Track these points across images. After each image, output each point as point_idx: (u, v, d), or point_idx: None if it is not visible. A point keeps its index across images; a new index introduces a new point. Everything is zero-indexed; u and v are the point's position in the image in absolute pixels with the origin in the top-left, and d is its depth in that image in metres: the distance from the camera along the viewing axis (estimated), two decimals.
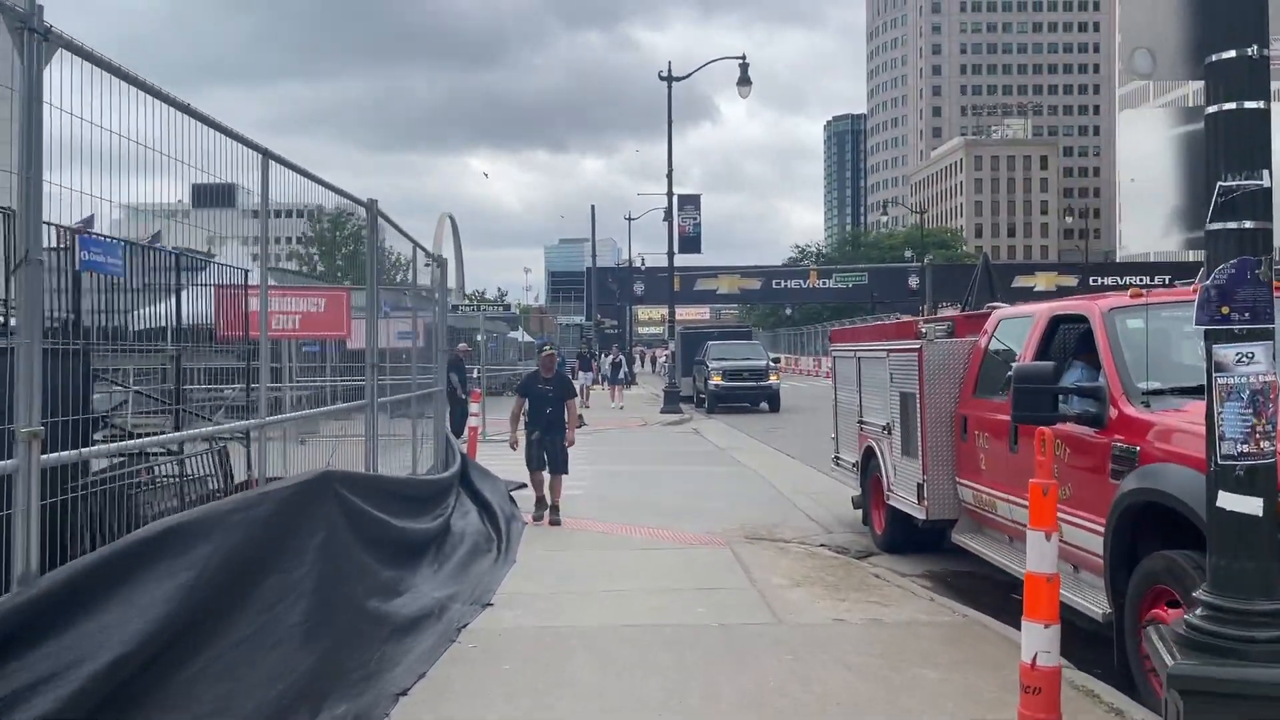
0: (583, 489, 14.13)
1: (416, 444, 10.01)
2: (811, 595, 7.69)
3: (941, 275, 63.83)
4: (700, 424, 26.66)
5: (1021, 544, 7.36)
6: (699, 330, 40.94)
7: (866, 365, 10.25)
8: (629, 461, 18.03)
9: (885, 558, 9.51)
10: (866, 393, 10.27)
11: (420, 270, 11.97)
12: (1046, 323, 7.08)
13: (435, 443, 11.43)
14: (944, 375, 8.33)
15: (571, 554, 9.43)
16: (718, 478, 15.57)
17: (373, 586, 6.35)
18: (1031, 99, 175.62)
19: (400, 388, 9.93)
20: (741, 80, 30.36)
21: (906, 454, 8.88)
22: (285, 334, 13.84)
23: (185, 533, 4.15)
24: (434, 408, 12.02)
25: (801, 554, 9.42)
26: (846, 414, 11.16)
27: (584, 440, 22.02)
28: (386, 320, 11.60)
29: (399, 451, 11.32)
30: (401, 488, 8.10)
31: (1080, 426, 6.07)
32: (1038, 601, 4.48)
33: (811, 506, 12.63)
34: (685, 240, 38.39)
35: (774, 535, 10.68)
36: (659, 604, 7.41)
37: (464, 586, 7.97)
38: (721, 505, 12.74)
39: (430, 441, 12.57)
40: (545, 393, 11.27)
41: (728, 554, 9.34)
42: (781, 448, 19.94)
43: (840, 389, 11.47)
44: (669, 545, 9.85)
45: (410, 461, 9.90)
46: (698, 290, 70.76)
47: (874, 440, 9.92)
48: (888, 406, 9.39)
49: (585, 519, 11.52)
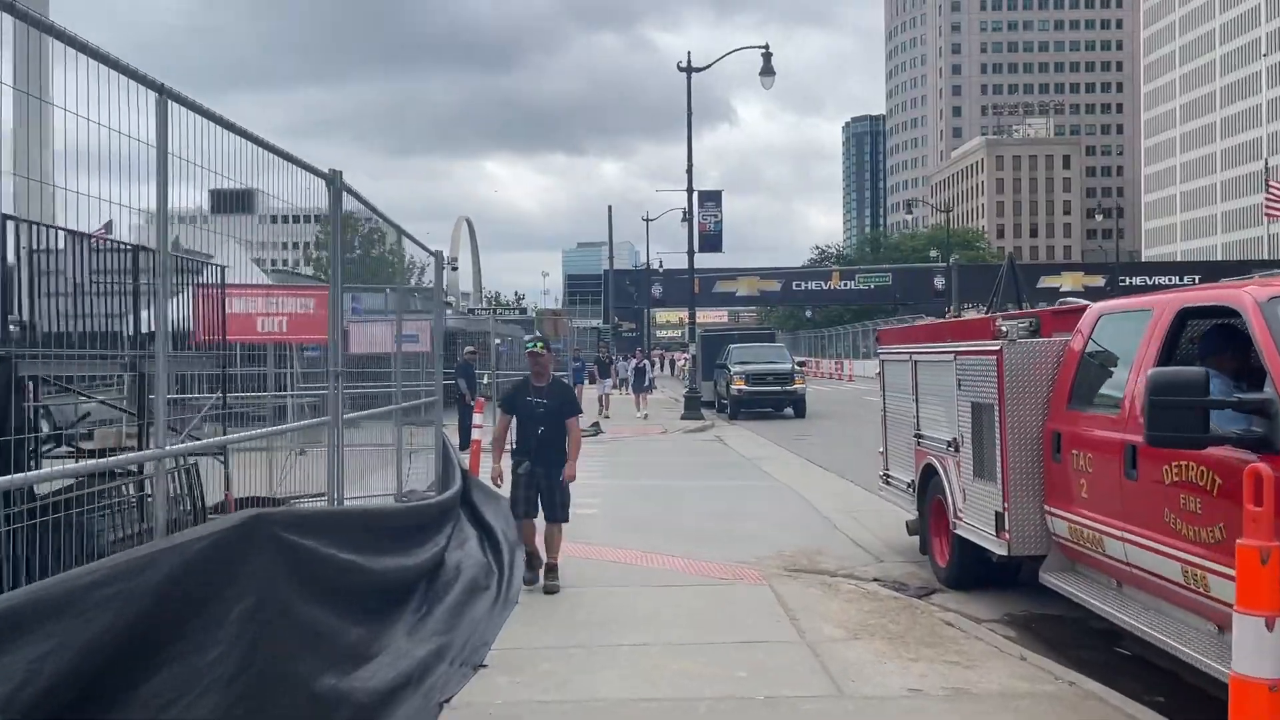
0: (598, 507, 12.80)
1: (402, 461, 8.68)
2: (874, 653, 6.31)
3: (967, 276, 62.23)
4: (724, 431, 25.27)
5: (1135, 590, 6.00)
6: (720, 333, 39.51)
7: (925, 370, 8.87)
8: (649, 474, 16.67)
9: (951, 595, 8.12)
10: (925, 402, 8.88)
11: (421, 268, 10.66)
12: (1174, 317, 5.68)
13: (435, 458, 10.06)
14: (1030, 382, 6.94)
15: (583, 593, 8.07)
16: (747, 494, 14.19)
17: (330, 655, 5.02)
18: (1053, 98, 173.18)
19: (382, 398, 8.62)
20: (764, 70, 28.99)
21: (980, 476, 7.49)
22: (266, 337, 12.69)
23: (8, 625, 2.83)
24: (434, 419, 10.69)
25: (853, 592, 8.02)
26: (899, 426, 9.77)
27: (601, 451, 20.73)
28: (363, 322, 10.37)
29: (388, 470, 10.03)
30: (381, 520, 6.77)
31: (1238, 451, 4.68)
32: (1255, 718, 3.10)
33: (854, 528, 11.24)
34: (706, 238, 36.92)
35: (816, 565, 9.30)
36: (690, 666, 6.04)
37: (455, 637, 6.64)
38: (753, 527, 11.37)
39: (430, 456, 11.29)
40: (536, 407, 8.28)
41: (767, 593, 7.97)
42: (813, 458, 18.54)
43: (890, 397, 10.08)
44: (698, 581, 8.48)
45: (395, 483, 8.57)
46: (717, 292, 69.49)
47: (935, 457, 8.54)
48: (954, 419, 8.00)
49: (600, 545, 10.18)
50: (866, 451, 19.42)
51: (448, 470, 10.52)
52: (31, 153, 4.62)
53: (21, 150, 4.40)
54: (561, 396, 8.44)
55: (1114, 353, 6.40)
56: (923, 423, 8.94)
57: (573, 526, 11.29)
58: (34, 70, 3.83)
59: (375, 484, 9.83)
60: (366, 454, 10.24)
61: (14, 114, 3.73)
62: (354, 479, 10.69)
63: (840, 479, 15.72)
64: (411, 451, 11.37)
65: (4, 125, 3.47)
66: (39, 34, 3.59)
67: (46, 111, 3.75)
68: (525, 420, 8.31)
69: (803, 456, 18.91)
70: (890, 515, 11.38)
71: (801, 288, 73.06)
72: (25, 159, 4.30)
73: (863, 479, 15.19)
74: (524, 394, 8.38)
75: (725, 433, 24.76)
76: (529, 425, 8.27)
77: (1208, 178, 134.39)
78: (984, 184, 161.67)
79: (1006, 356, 6.97)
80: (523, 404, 8.33)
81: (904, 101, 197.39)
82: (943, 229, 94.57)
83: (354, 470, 10.86)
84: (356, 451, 10.49)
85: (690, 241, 31.13)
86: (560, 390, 8.56)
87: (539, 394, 8.30)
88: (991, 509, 7.24)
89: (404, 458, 10.25)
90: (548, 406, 8.24)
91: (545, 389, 8.34)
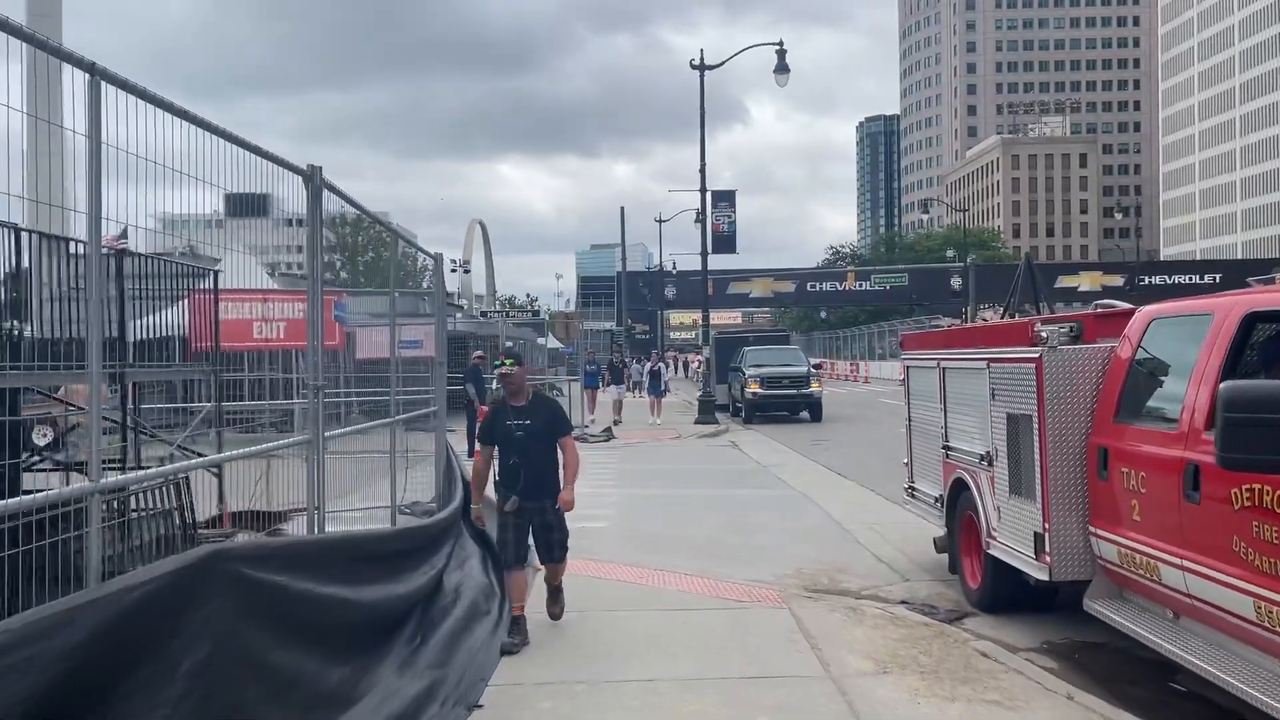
0: (607, 519, 12.30)
1: (397, 474, 8.18)
2: (907, 690, 5.77)
3: (985, 276, 61.46)
4: (738, 436, 24.73)
5: (1195, 623, 5.44)
6: (734, 335, 38.90)
7: (955, 378, 8.32)
8: (661, 482, 16.15)
9: (985, 620, 7.56)
10: (954, 412, 8.33)
11: (419, 270, 10.18)
12: (1239, 322, 5.12)
13: (435, 471, 9.54)
14: (1073, 393, 6.38)
15: (590, 617, 7.55)
16: (763, 504, 13.65)
17: (306, 702, 4.52)
18: (1070, 96, 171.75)
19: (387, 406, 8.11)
20: (779, 68, 28.43)
21: (1016, 493, 6.94)
22: (262, 344, 12.24)
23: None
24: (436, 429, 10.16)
25: (880, 617, 7.48)
26: (925, 436, 9.22)
27: (612, 457, 20.21)
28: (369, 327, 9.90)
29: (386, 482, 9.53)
30: (367, 546, 6.26)
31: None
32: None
33: (877, 543, 10.68)
34: (719, 239, 36.29)
35: (838, 585, 8.76)
36: (704, 707, 5.51)
37: (450, 671, 6.13)
38: (770, 541, 10.84)
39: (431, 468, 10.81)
40: (516, 431, 7.01)
41: (786, 618, 7.43)
42: (830, 464, 17.98)
43: (915, 405, 9.53)
44: (712, 604, 7.95)
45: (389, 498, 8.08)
46: (730, 294, 68.93)
47: (966, 471, 7.98)
48: (987, 430, 7.45)
49: (609, 561, 9.67)
50: (885, 458, 18.89)
51: (450, 482, 10.01)
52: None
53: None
54: (547, 414, 7.14)
55: (1168, 361, 5.85)
56: (951, 434, 8.39)
57: (581, 541, 10.79)
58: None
59: (378, 493, 9.30)
60: (369, 461, 9.76)
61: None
62: (355, 487, 10.22)
63: (860, 488, 15.17)
64: (417, 458, 10.89)
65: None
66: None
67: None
68: (507, 448, 6.99)
69: (820, 463, 18.36)
70: (914, 528, 10.84)
71: (816, 289, 72.38)
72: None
73: (883, 487, 14.65)
74: (502, 418, 7.08)
75: (740, 437, 24.22)
76: (512, 453, 6.96)
77: (1227, 175, 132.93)
78: (999, 183, 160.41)
79: (1047, 364, 6.42)
80: (502, 429, 7.03)
81: (918, 101, 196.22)
82: (958, 229, 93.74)
83: (354, 478, 10.39)
84: (358, 459, 10.02)
85: (704, 242, 30.60)
86: (544, 407, 7.25)
87: (519, 415, 7.02)
88: (1030, 529, 6.68)
89: (400, 469, 9.74)
90: (531, 428, 6.97)
91: (526, 408, 7.07)
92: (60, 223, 6.16)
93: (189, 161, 4.57)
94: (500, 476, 7.01)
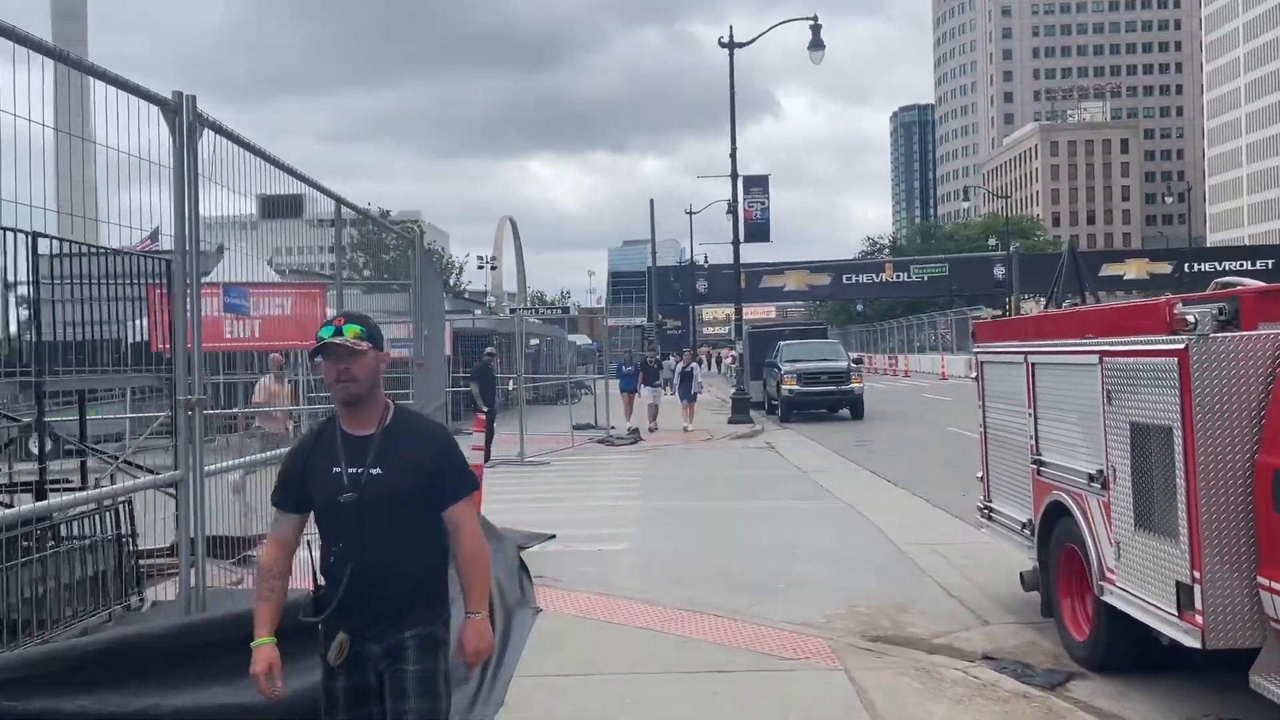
0: (628, 539, 10.78)
1: None
2: None
3: (1028, 265, 59.18)
4: (774, 436, 23.10)
5: None
6: (769, 329, 37.23)
7: (1049, 375, 6.68)
8: (690, 493, 14.56)
9: (1097, 684, 5.94)
10: (1049, 418, 6.69)
11: (460, 267, 8.81)
12: None
13: None
14: (1235, 397, 4.75)
15: (594, 684, 6.00)
16: (806, 519, 12.04)
17: None
18: (1109, 80, 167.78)
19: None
20: (813, 44, 26.73)
21: (1147, 527, 5.31)
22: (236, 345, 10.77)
23: None
24: None
25: (962, 682, 5.86)
26: (1006, 447, 7.58)
27: (637, 462, 18.64)
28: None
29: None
30: (181, 639, 4.45)
31: None
32: None
33: (942, 569, 9.07)
34: (753, 227, 34.55)
35: (904, 631, 7.16)
36: None
37: None
38: (816, 569, 9.25)
39: None
40: (342, 486, 3.37)
41: (843, 685, 5.83)
42: (877, 470, 16.32)
43: (993, 409, 7.89)
44: (748, 663, 6.35)
45: None
46: (764, 287, 67.19)
47: (1067, 493, 6.35)
48: (1098, 443, 5.82)
49: (626, 596, 8.13)
50: (937, 461, 17.23)
51: None
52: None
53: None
54: (422, 453, 3.42)
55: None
56: (1045, 445, 6.75)
57: (595, 568, 9.31)
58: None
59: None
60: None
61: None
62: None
63: (913, 497, 13.51)
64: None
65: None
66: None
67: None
68: (331, 521, 3.40)
69: (866, 468, 16.70)
70: (983, 550, 9.27)
71: (853, 281, 70.40)
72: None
73: (938, 496, 13.02)
74: (320, 456, 3.44)
75: (776, 438, 22.59)
76: (339, 532, 3.37)
77: (1276, 158, 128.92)
78: (1038, 171, 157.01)
79: (1196, 358, 4.78)
80: (320, 482, 3.40)
81: (954, 89, 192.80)
82: (997, 218, 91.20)
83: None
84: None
85: (735, 231, 28.94)
86: (417, 439, 3.47)
87: (357, 453, 3.39)
88: (1168, 576, 5.05)
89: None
90: (380, 485, 3.35)
91: (377, 440, 3.41)
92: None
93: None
94: (323, 575, 3.38)
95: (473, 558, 3.43)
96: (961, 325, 49.96)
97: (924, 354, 56.36)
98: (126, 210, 4.78)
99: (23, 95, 3.45)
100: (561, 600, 8.00)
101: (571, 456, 19.46)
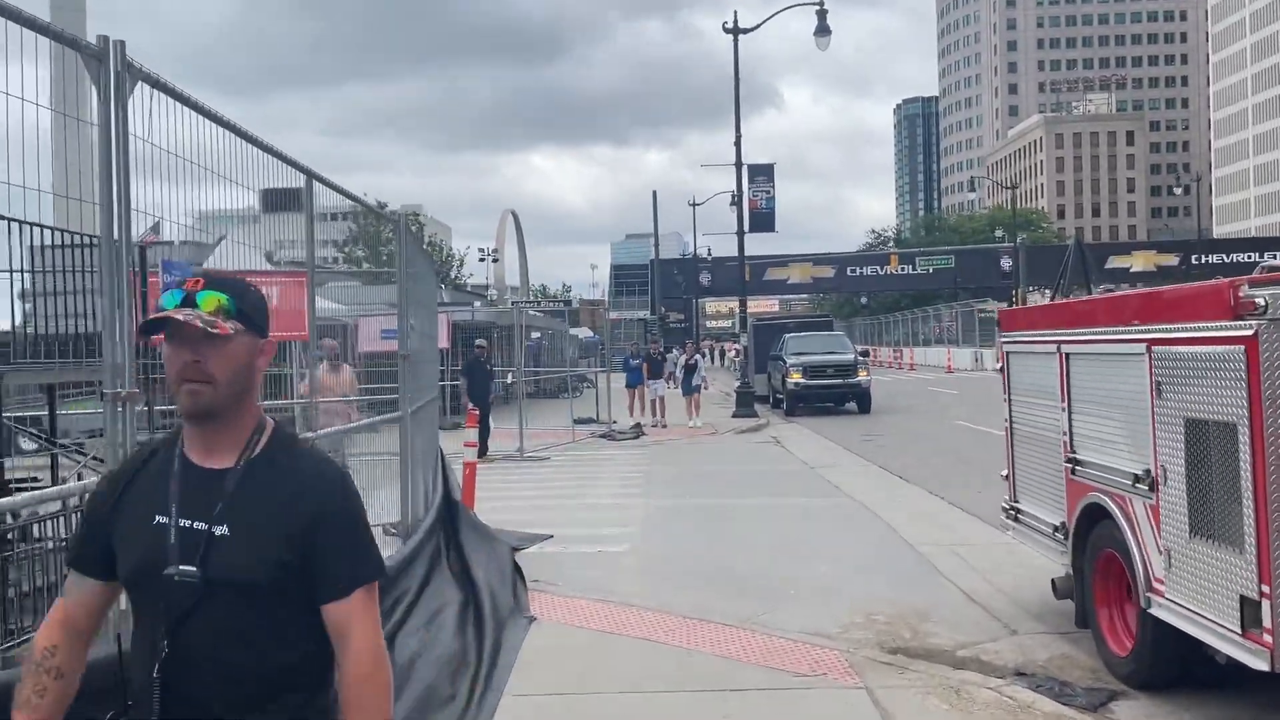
0: (630, 539, 10.28)
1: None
2: None
3: (1035, 257, 58.60)
4: (780, 430, 22.57)
5: None
6: (773, 321, 36.58)
7: (1086, 366, 6.15)
8: (695, 489, 14.04)
9: (1143, 704, 5.42)
10: (1085, 413, 6.16)
11: (461, 260, 8.32)
12: None
13: (401, 494, 7.46)
14: None
15: (592, 705, 5.49)
16: (815, 517, 11.53)
17: None
18: (1114, 72, 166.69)
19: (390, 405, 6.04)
20: (819, 30, 26.17)
21: (1204, 534, 4.78)
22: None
23: None
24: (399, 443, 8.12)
25: (994, 704, 5.34)
26: (1035, 444, 7.05)
27: (640, 458, 18.09)
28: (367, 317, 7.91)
29: (392, 486, 7.50)
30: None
31: None
32: None
33: (962, 574, 8.55)
34: (757, 216, 33.96)
35: (925, 642, 6.65)
36: None
37: None
38: (830, 572, 8.74)
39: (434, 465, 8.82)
40: (170, 551, 1.98)
41: (863, 703, 5.32)
42: (887, 465, 15.79)
43: (1020, 403, 7.36)
44: (759, 680, 5.83)
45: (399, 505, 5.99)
46: (767, 280, 66.62)
47: (1107, 495, 5.82)
48: (1147, 441, 5.29)
49: (629, 603, 7.62)
50: (948, 455, 16.71)
51: (417, 506, 7.99)
52: None
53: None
54: (294, 505, 2.04)
55: None
56: (1080, 443, 6.23)
57: (596, 571, 8.80)
58: None
59: (377, 504, 7.24)
60: (375, 464, 7.78)
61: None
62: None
63: (926, 494, 12.99)
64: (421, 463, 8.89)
65: None
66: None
67: None
68: (146, 599, 2.05)
69: (875, 463, 16.17)
70: (1005, 552, 8.80)
71: (857, 273, 69.76)
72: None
73: (952, 493, 12.53)
74: (139, 494, 2.08)
75: (782, 432, 22.07)
76: (157, 619, 2.01)
77: None
78: (1043, 163, 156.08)
79: (1267, 345, 4.25)
80: (132, 535, 2.05)
81: (958, 81, 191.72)
82: (1002, 210, 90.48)
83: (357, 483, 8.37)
84: (359, 461, 8.02)
85: (740, 221, 28.37)
86: (291, 482, 2.07)
87: (197, 494, 2.03)
88: (1232, 590, 4.53)
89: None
90: (225, 551, 2.00)
91: (230, 476, 2.05)
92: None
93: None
94: (124, 701, 2.07)
95: (364, 682, 2.03)
96: (967, 318, 49.37)
97: (929, 347, 55.74)
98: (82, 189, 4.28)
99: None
100: (558, 607, 7.50)
101: (572, 452, 18.96)
